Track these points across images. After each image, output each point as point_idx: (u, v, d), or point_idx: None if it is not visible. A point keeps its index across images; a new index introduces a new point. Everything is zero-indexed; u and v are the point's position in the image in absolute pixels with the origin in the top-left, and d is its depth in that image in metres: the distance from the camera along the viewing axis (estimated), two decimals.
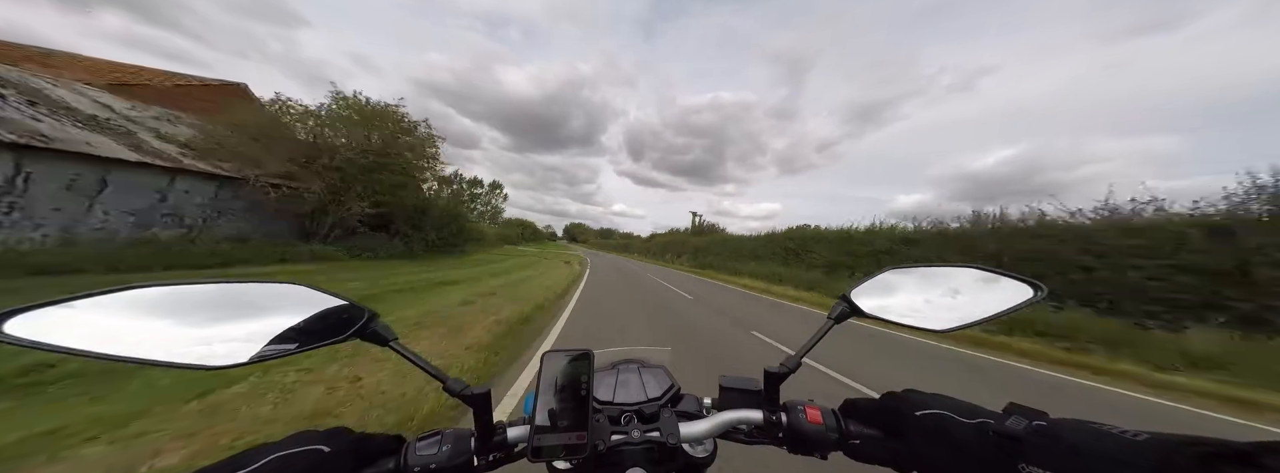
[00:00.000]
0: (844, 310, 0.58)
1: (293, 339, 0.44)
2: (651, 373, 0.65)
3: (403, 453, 0.45)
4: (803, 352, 0.53)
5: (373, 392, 2.78)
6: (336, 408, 2.53)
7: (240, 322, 0.42)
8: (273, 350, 0.42)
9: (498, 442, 0.48)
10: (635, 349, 0.75)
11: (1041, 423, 0.36)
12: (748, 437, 0.54)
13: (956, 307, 0.54)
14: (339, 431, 0.43)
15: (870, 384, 3.96)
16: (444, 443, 0.46)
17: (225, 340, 0.41)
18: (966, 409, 0.42)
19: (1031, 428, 0.36)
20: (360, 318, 0.48)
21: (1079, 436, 0.34)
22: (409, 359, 0.48)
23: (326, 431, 0.43)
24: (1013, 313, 0.50)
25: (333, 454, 0.40)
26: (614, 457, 0.49)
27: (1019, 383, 4.75)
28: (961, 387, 4.26)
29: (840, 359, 4.70)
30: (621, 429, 0.51)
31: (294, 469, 0.37)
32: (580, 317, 6.52)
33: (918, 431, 0.43)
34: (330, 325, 0.46)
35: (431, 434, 0.48)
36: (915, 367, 5.03)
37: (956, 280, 0.56)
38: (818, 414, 0.50)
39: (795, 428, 0.50)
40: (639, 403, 0.57)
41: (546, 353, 0.48)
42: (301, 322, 0.45)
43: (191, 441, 2.04)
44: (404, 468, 0.44)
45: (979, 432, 0.38)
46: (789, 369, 0.52)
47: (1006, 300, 0.51)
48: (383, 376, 3.02)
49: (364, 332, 0.48)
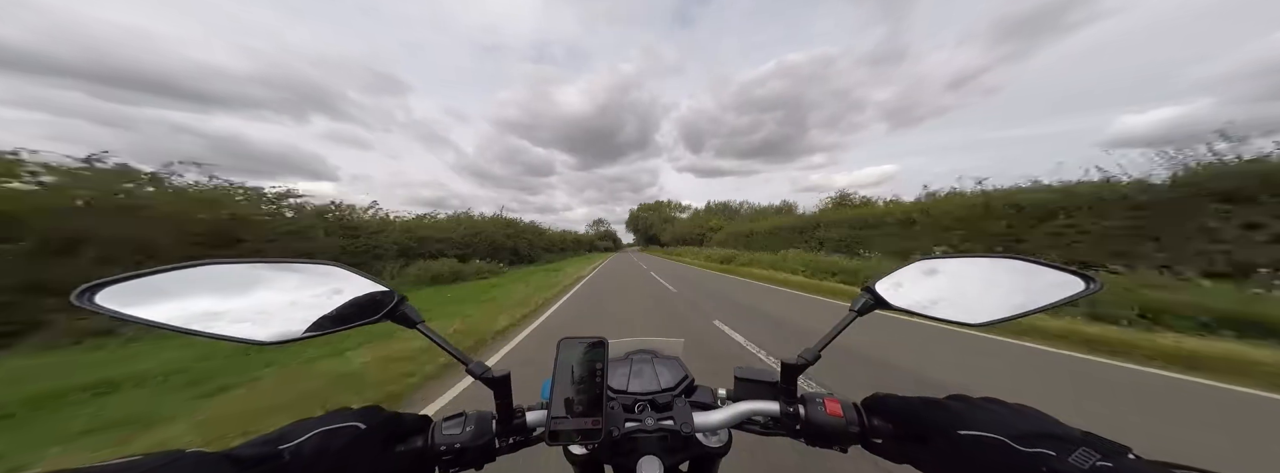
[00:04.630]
0: (867, 303, 0.56)
1: (332, 320, 0.47)
2: (665, 364, 0.65)
3: (430, 432, 0.48)
4: (822, 344, 0.52)
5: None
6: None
7: (290, 299, 0.46)
8: (314, 329, 0.46)
9: (517, 425, 0.50)
10: (649, 340, 0.75)
11: (1108, 465, 0.30)
12: (763, 428, 0.54)
13: (993, 299, 0.50)
14: (373, 409, 0.46)
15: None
16: (467, 424, 0.48)
17: (277, 317, 0.45)
18: (1027, 435, 0.35)
19: (1098, 470, 0.30)
20: (390, 301, 0.51)
21: None
22: (434, 341, 0.50)
23: (362, 408, 0.45)
24: (1057, 307, 0.47)
25: (368, 431, 0.42)
26: (628, 444, 0.50)
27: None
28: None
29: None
30: (635, 417, 0.51)
31: (335, 443, 0.39)
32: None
33: (955, 448, 0.37)
34: (364, 307, 0.49)
35: (456, 415, 0.50)
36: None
37: (994, 272, 0.53)
38: (838, 408, 0.49)
39: (814, 421, 0.49)
40: (653, 392, 0.58)
41: (562, 340, 0.48)
42: (339, 302, 0.48)
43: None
44: (431, 446, 0.47)
45: (1031, 465, 0.33)
46: (807, 361, 0.51)
47: (1051, 294, 0.47)
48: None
49: (394, 314, 0.50)
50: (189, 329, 0.39)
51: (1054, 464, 0.31)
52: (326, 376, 3.57)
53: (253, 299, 0.44)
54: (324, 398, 3.03)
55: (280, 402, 2.96)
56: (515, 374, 0.51)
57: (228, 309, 0.42)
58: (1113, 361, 3.94)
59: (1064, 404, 2.87)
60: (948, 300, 0.53)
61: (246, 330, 0.42)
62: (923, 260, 0.59)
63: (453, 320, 6.02)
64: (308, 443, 0.38)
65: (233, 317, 0.42)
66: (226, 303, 0.42)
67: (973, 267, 0.55)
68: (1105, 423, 2.59)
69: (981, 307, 0.51)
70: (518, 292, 9.95)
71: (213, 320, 0.41)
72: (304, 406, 2.88)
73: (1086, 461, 0.31)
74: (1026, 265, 0.51)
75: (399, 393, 3.22)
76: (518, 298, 8.60)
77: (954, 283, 0.55)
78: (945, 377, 3.42)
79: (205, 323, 0.40)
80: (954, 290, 0.54)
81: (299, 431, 0.39)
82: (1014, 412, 0.39)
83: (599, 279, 13.99)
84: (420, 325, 0.50)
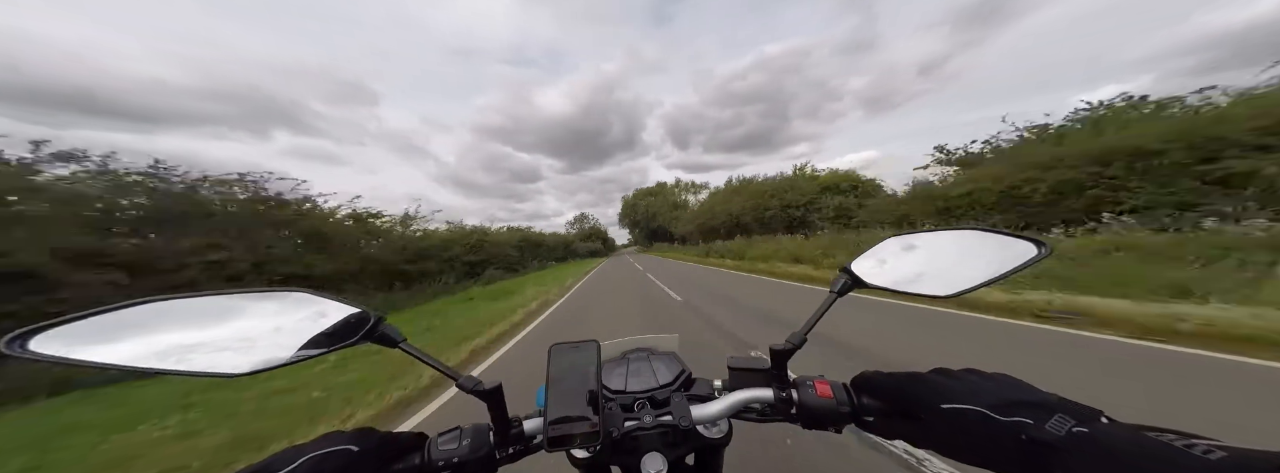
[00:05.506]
0: (846, 283, 0.58)
1: (309, 345, 0.45)
2: (662, 360, 0.66)
3: (426, 449, 0.47)
4: (807, 327, 0.53)
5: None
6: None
7: (254, 330, 0.44)
8: (284, 357, 0.44)
9: (515, 435, 0.50)
10: (645, 337, 0.76)
11: (1084, 430, 0.31)
12: (761, 415, 0.54)
13: (958, 271, 0.53)
14: (366, 430, 0.45)
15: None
16: (464, 438, 0.48)
17: (239, 349, 0.42)
18: (1003, 403, 0.36)
19: (1073, 435, 0.31)
20: (368, 322, 0.49)
21: (1131, 447, 0.28)
22: (419, 358, 0.49)
23: (354, 431, 0.44)
24: (1015, 274, 0.49)
25: (361, 454, 0.41)
26: (629, 443, 0.50)
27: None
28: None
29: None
30: (634, 416, 0.52)
31: (326, 469, 0.38)
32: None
33: (941, 423, 0.39)
34: (340, 330, 0.48)
35: (451, 430, 0.49)
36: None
37: (958, 244, 0.55)
38: (828, 389, 0.50)
39: (807, 404, 0.49)
40: (651, 390, 0.58)
41: (553, 346, 0.49)
42: (312, 327, 0.47)
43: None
44: (428, 463, 0.46)
45: (1011, 433, 0.34)
46: (794, 345, 0.52)
47: (1009, 261, 0.50)
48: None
49: (373, 334, 0.49)
50: (153, 368, 0.38)
51: (1032, 432, 0.33)
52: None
53: (224, 331, 0.42)
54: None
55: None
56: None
57: (199, 342, 0.40)
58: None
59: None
60: (919, 275, 0.55)
61: (220, 363, 0.41)
62: (892, 238, 0.61)
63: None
64: (297, 471, 0.37)
65: (206, 349, 0.40)
66: (196, 336, 0.41)
67: (939, 240, 0.57)
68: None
69: (951, 279, 0.53)
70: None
71: (184, 355, 0.39)
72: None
73: (1062, 426, 0.32)
74: (987, 235, 0.53)
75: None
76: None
77: (924, 258, 0.57)
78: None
79: (173, 359, 0.39)
80: (924, 265, 0.56)
81: (288, 458, 0.38)
82: (991, 381, 0.40)
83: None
84: (402, 344, 0.50)
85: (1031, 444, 0.32)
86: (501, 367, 4.62)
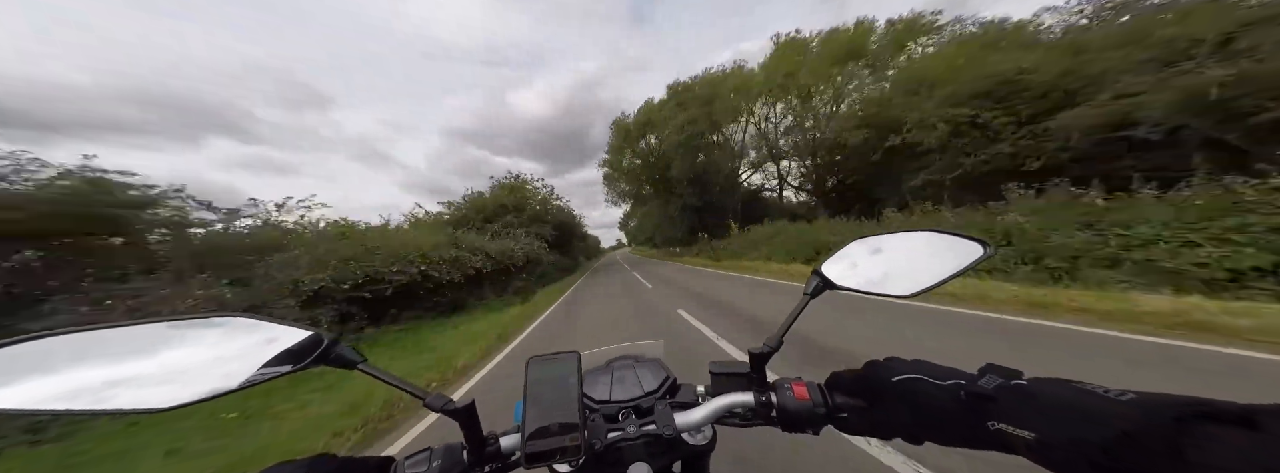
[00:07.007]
0: (818, 285, 0.60)
1: (251, 372, 0.42)
2: (646, 367, 0.65)
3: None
4: (783, 329, 0.54)
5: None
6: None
7: (189, 359, 0.41)
8: (227, 386, 0.40)
9: (490, 453, 0.48)
10: (629, 345, 0.76)
11: (1017, 382, 0.36)
12: (743, 420, 0.54)
13: (915, 272, 0.56)
14: (322, 458, 0.42)
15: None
16: (433, 459, 0.46)
17: (174, 380, 0.39)
18: (943, 373, 0.42)
19: (1004, 387, 0.36)
20: (320, 345, 0.46)
21: (1053, 392, 0.33)
22: (381, 378, 0.47)
23: (308, 459, 0.41)
24: (964, 272, 0.52)
25: None
26: (613, 454, 0.49)
27: None
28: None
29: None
30: (618, 426, 0.51)
31: None
32: None
33: (895, 397, 0.43)
34: (291, 354, 0.45)
35: (421, 452, 0.47)
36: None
37: (912, 245, 0.59)
38: (804, 390, 0.50)
39: (786, 407, 0.49)
40: (635, 398, 0.58)
41: (531, 359, 0.48)
42: (258, 354, 0.44)
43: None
44: None
45: (952, 393, 0.38)
46: (772, 348, 0.52)
47: (959, 261, 0.53)
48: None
49: (327, 357, 0.46)
50: (61, 409, 0.34)
51: (969, 389, 0.37)
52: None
53: (154, 362, 0.39)
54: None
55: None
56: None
57: (126, 377, 0.37)
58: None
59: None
60: (885, 276, 0.58)
61: (148, 397, 0.37)
62: (858, 241, 0.65)
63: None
64: None
65: (132, 384, 0.37)
66: (120, 370, 0.37)
67: (898, 241, 0.61)
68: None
69: (906, 281, 0.56)
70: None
71: (103, 391, 0.36)
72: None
73: (992, 382, 0.37)
74: (938, 236, 0.57)
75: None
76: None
77: (887, 259, 0.60)
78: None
79: (88, 398, 0.35)
80: (888, 266, 0.59)
81: None
82: (929, 363, 0.46)
83: None
84: (361, 365, 0.47)
85: (970, 398, 0.37)
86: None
